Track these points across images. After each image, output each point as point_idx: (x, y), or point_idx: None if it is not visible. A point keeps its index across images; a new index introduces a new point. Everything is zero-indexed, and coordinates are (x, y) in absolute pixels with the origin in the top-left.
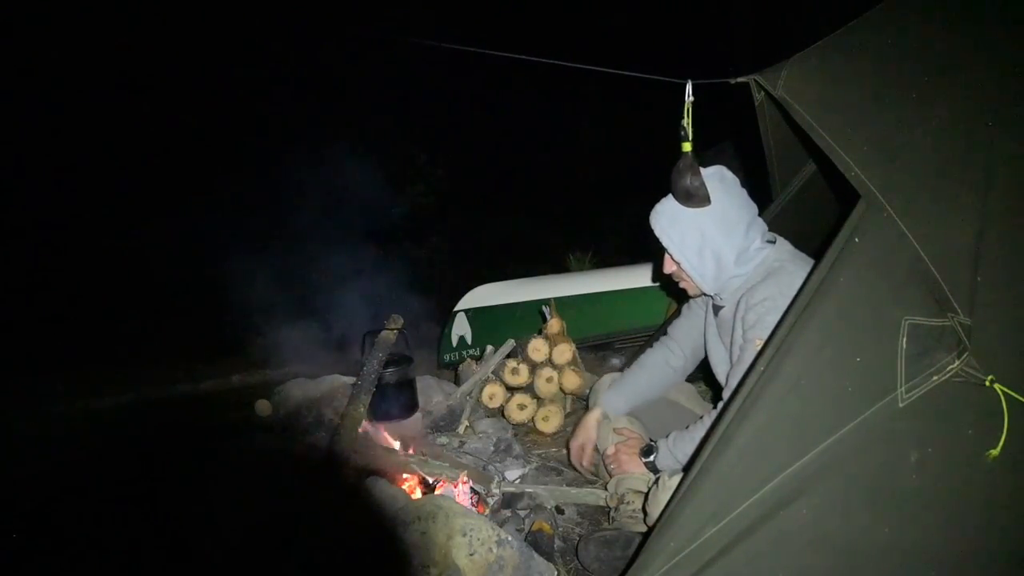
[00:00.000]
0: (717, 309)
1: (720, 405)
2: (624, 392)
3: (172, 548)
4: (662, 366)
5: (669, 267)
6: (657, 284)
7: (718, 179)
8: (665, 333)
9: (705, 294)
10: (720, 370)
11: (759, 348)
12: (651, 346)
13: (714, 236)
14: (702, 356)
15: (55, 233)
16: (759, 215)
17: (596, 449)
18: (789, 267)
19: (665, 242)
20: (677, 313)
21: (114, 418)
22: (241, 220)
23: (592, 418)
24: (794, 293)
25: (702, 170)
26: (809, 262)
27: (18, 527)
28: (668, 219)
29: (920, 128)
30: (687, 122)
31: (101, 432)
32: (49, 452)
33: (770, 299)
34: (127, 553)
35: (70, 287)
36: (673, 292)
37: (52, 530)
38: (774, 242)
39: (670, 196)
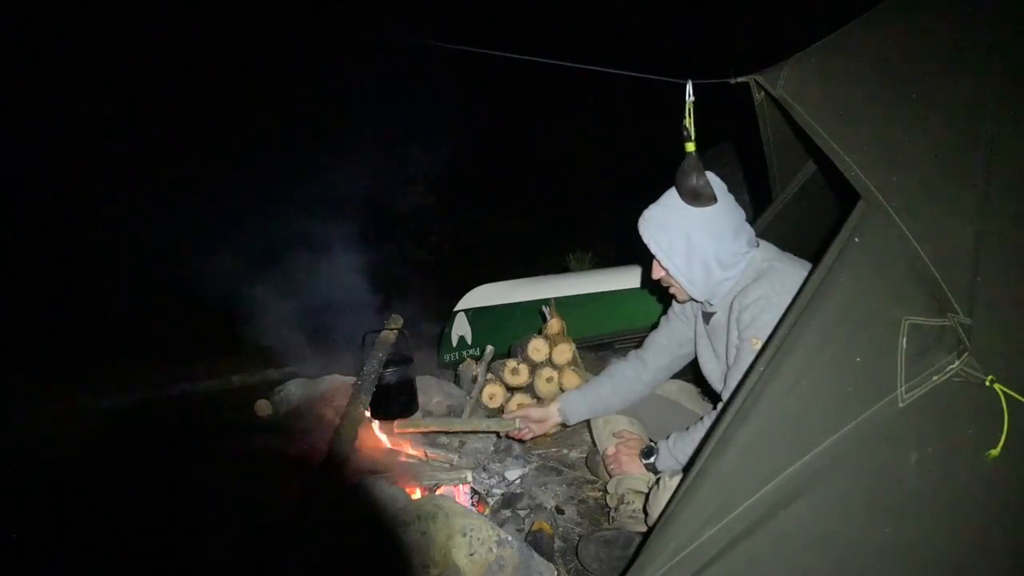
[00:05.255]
0: (708, 316)
1: (719, 407)
2: (588, 398)
3: (172, 548)
4: (631, 380)
5: (657, 273)
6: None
7: None
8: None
9: (694, 300)
10: (715, 377)
11: (757, 348)
12: (625, 357)
13: (702, 241)
14: (676, 369)
15: (54, 231)
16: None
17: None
18: (779, 266)
19: (653, 249)
20: (656, 325)
21: (113, 418)
22: (241, 219)
23: (552, 408)
24: (787, 290)
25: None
26: (797, 261)
27: (18, 527)
28: (656, 225)
29: (920, 128)
30: (689, 122)
31: (100, 432)
32: (48, 451)
33: (764, 298)
34: (127, 553)
35: (69, 286)
36: (668, 294)
37: (51, 530)
38: (758, 245)
39: (658, 202)
